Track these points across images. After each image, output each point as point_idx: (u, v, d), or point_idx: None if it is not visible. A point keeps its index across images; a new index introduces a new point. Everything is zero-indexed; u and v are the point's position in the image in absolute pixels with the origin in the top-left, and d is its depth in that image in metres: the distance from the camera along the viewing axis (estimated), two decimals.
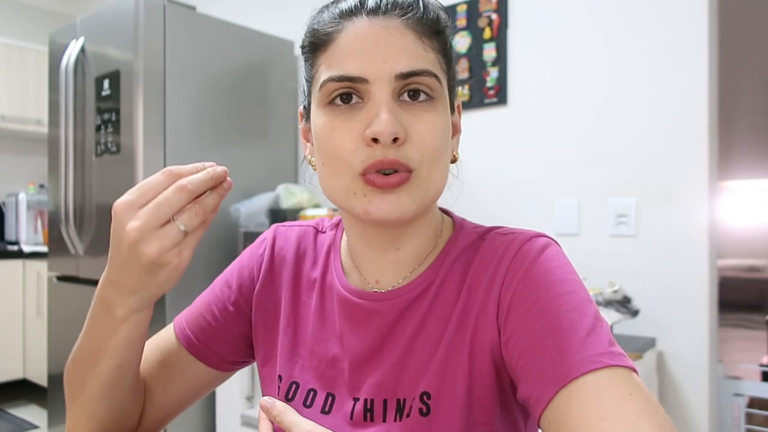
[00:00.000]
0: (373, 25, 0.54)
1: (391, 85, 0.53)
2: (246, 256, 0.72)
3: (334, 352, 0.62)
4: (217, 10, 2.59)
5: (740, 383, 1.73)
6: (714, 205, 1.65)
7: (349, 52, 0.54)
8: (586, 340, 0.48)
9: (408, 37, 0.54)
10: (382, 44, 0.53)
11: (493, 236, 0.61)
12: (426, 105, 0.55)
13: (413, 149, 0.54)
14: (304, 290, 0.67)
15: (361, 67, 0.53)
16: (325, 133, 0.55)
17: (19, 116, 3.50)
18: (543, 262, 0.55)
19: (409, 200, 0.54)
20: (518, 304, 0.53)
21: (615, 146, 1.77)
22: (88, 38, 2.23)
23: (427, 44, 0.56)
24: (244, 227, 2.18)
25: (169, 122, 2.08)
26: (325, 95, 0.55)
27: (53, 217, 2.41)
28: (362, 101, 0.54)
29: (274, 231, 0.72)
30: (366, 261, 0.62)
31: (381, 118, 0.52)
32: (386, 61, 0.53)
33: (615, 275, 1.72)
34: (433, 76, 0.55)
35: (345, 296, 0.62)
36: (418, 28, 0.55)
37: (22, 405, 3.32)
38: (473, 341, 0.56)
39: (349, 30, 0.55)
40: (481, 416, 0.55)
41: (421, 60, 0.54)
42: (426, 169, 0.55)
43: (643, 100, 1.72)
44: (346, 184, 0.55)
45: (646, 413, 0.44)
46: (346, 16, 0.55)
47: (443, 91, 0.57)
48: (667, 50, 1.68)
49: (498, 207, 1.97)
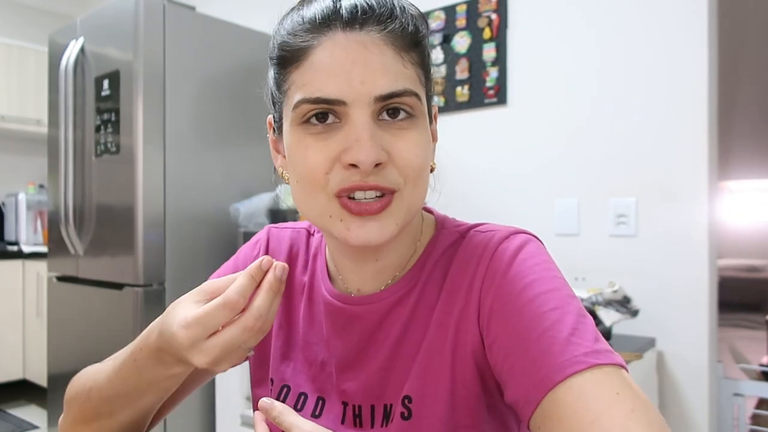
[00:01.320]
0: (350, 40, 0.51)
1: (370, 107, 0.51)
2: (240, 257, 0.72)
3: (322, 356, 0.62)
4: (217, 10, 2.59)
5: (740, 383, 1.73)
6: (714, 205, 1.65)
7: (325, 72, 0.51)
8: (570, 339, 0.47)
9: (387, 54, 0.51)
10: (360, 63, 0.50)
11: (471, 235, 0.60)
12: (406, 123, 0.53)
13: (395, 171, 0.52)
14: (296, 294, 0.67)
15: (338, 90, 0.50)
16: (299, 153, 0.53)
17: (19, 116, 3.50)
18: (521, 261, 0.54)
19: (392, 223, 0.53)
20: (499, 307, 0.52)
21: (615, 146, 1.77)
22: (88, 38, 2.23)
23: (407, 59, 0.53)
24: (243, 227, 2.18)
25: (169, 122, 2.08)
26: (299, 116, 0.52)
27: (53, 218, 2.40)
28: (339, 122, 0.51)
29: (268, 233, 0.72)
30: (346, 271, 0.62)
31: (362, 144, 0.49)
32: (365, 82, 0.50)
33: (615, 275, 1.71)
34: (414, 95, 0.52)
35: (329, 300, 0.62)
36: (397, 42, 0.52)
37: (22, 405, 3.32)
38: (455, 343, 0.55)
39: (325, 46, 0.51)
40: (465, 418, 0.54)
41: (401, 79, 0.52)
42: (409, 188, 0.53)
43: (643, 100, 1.72)
44: (321, 206, 0.53)
45: (635, 413, 0.43)
46: (320, 28, 0.52)
47: (423, 107, 0.54)
48: (666, 50, 1.68)
49: (498, 207, 1.97)
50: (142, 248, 2.00)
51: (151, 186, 2.03)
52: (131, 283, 2.02)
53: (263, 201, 2.20)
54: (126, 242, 2.03)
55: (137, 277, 2.00)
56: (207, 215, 2.19)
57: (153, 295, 2.03)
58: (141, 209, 2.00)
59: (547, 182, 1.89)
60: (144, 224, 2.00)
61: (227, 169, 2.27)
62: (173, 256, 2.08)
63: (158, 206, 2.04)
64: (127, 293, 2.03)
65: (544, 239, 0.61)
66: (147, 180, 2.01)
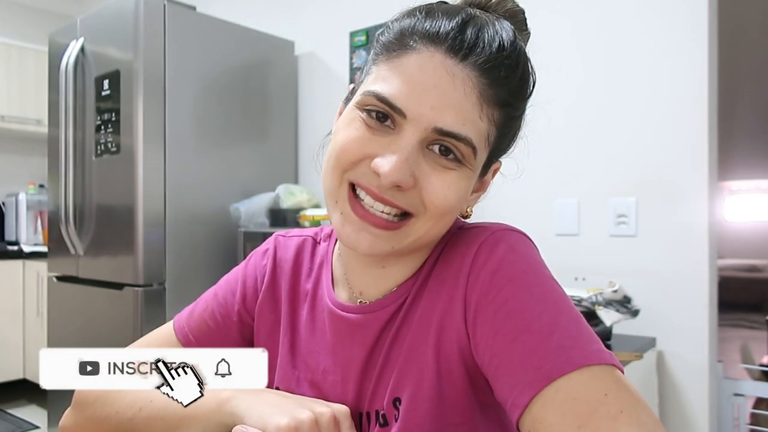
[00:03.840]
0: (444, 65, 0.50)
1: (425, 133, 0.50)
2: (250, 266, 0.71)
3: (324, 364, 0.62)
4: (217, 10, 2.59)
5: (740, 383, 1.73)
6: (714, 205, 1.65)
7: (405, 79, 0.50)
8: (558, 340, 0.46)
9: (469, 97, 0.50)
10: (439, 90, 0.50)
11: (459, 232, 0.59)
12: (452, 164, 0.52)
13: (417, 199, 0.52)
14: (300, 302, 0.67)
15: (406, 102, 0.50)
16: (345, 130, 0.53)
17: (19, 116, 3.50)
18: (509, 258, 0.52)
19: (386, 245, 0.53)
20: (485, 305, 0.51)
21: (615, 146, 1.77)
22: (88, 38, 2.23)
23: (486, 113, 0.52)
24: (244, 227, 2.18)
25: (169, 122, 2.08)
26: (362, 103, 0.53)
27: (53, 217, 2.40)
28: (393, 129, 0.51)
29: (275, 241, 0.72)
30: (352, 272, 0.62)
31: (393, 161, 0.49)
32: (434, 108, 0.49)
33: (615, 275, 1.71)
34: (471, 147, 0.51)
35: (331, 309, 0.62)
36: (487, 92, 0.51)
37: (22, 405, 3.31)
38: (439, 340, 0.54)
39: (421, 56, 0.51)
40: (454, 417, 0.54)
41: (469, 126, 0.50)
42: (428, 220, 0.52)
43: (643, 100, 1.72)
44: (334, 187, 0.54)
45: (625, 413, 0.42)
46: (427, 39, 0.51)
47: (476, 161, 0.53)
48: (666, 50, 1.68)
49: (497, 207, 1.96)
50: (142, 248, 2.00)
51: (151, 186, 2.03)
52: (131, 283, 2.02)
53: (263, 201, 2.20)
54: (126, 242, 2.03)
55: (137, 277, 2.00)
56: (207, 215, 2.19)
57: (153, 295, 2.03)
58: (141, 209, 2.00)
59: (547, 182, 1.89)
60: (144, 224, 2.00)
61: (227, 169, 2.27)
62: (173, 256, 2.08)
63: (158, 206, 2.04)
64: (127, 293, 2.03)
65: (544, 239, 0.61)
66: (147, 180, 2.01)
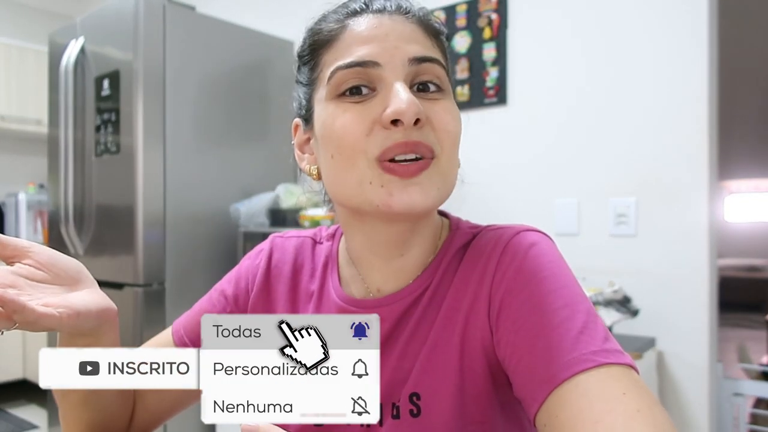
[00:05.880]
0: (381, 18, 0.55)
1: (405, 70, 0.53)
2: (243, 266, 0.71)
3: None
4: (217, 10, 2.59)
5: (740, 383, 1.73)
6: (714, 205, 1.65)
7: (360, 39, 0.54)
8: (579, 338, 0.47)
9: (416, 31, 0.55)
10: (392, 34, 0.53)
11: (483, 233, 0.60)
12: (437, 95, 0.55)
13: (434, 133, 0.53)
14: (302, 303, 0.67)
15: (372, 53, 0.52)
16: (337, 120, 0.53)
17: (19, 116, 3.50)
18: (533, 257, 0.54)
19: (433, 188, 0.53)
20: (509, 302, 0.52)
21: (615, 146, 1.77)
22: (88, 38, 2.23)
23: (432, 41, 0.57)
24: (243, 227, 2.18)
25: (169, 122, 2.08)
26: (334, 87, 0.53)
27: (53, 217, 2.40)
28: (373, 92, 0.53)
29: (272, 243, 0.71)
30: (369, 269, 0.62)
31: (401, 97, 0.50)
32: (398, 47, 0.53)
33: (615, 275, 1.71)
34: (442, 66, 0.55)
35: (343, 307, 0.61)
36: (422, 26, 0.56)
37: (22, 405, 3.32)
38: (463, 338, 0.55)
39: (358, 22, 0.55)
40: (475, 415, 0.54)
41: (431, 50, 0.55)
42: (446, 155, 0.54)
43: (643, 100, 1.72)
44: (361, 173, 0.52)
45: (641, 413, 0.42)
46: (351, 15, 0.56)
47: (449, 85, 0.57)
48: (667, 50, 1.68)
49: (498, 207, 1.97)
50: (142, 248, 2.00)
51: (151, 186, 2.03)
52: (131, 283, 2.02)
53: (263, 201, 2.21)
54: (126, 242, 2.03)
55: (137, 276, 2.00)
56: (207, 215, 2.19)
57: (153, 295, 2.03)
58: (141, 209, 2.00)
59: (547, 182, 1.89)
60: (144, 224, 2.00)
61: (227, 169, 2.27)
62: (173, 256, 2.08)
63: (158, 206, 2.04)
64: (127, 293, 2.03)
65: None
66: (147, 180, 2.01)
